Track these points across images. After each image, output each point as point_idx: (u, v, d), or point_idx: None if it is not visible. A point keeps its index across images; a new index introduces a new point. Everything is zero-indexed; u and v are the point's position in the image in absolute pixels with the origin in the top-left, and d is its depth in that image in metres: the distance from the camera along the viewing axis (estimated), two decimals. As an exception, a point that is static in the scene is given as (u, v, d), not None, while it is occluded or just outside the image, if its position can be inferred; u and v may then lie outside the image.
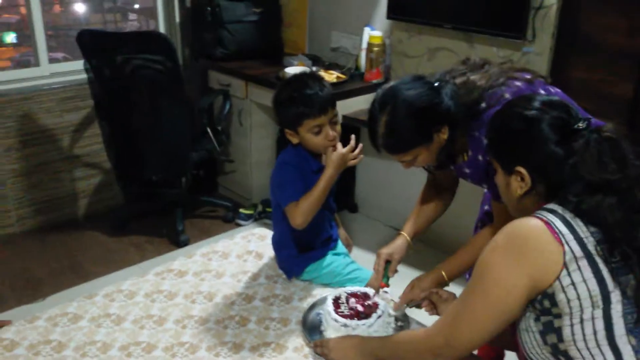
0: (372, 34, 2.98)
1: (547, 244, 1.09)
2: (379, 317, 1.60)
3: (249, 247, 2.10)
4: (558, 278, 1.08)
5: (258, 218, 3.42)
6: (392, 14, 2.88)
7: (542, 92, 1.54)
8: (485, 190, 1.87)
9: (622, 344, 1.06)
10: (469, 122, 1.51)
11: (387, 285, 1.77)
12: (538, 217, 1.14)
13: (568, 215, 1.13)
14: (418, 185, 2.08)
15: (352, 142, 1.77)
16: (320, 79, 1.81)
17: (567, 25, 2.43)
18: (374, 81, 3.00)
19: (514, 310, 1.14)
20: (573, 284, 1.07)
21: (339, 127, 1.80)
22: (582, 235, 1.10)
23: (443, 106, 1.46)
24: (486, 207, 1.84)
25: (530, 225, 1.13)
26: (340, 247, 2.03)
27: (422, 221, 1.86)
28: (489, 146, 1.33)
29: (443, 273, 1.67)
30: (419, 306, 1.67)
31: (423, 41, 2.85)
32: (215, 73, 3.44)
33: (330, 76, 3.02)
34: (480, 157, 1.55)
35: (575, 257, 1.08)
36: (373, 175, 3.42)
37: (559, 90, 1.61)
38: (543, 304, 1.11)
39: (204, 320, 1.70)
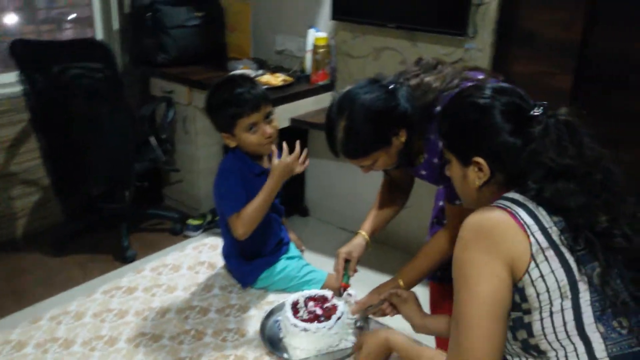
0: (317, 35, 2.95)
1: (514, 235, 1.07)
2: (339, 318, 1.57)
3: (200, 258, 2.03)
4: (527, 271, 1.06)
5: (207, 228, 3.33)
6: (336, 14, 2.87)
7: None
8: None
9: (591, 332, 1.05)
10: (425, 125, 1.50)
11: (348, 285, 1.75)
12: (501, 208, 1.12)
13: (531, 205, 1.10)
14: (369, 187, 2.07)
15: (297, 149, 1.75)
16: (251, 78, 1.80)
17: (507, 20, 2.47)
18: (320, 83, 2.98)
19: (507, 301, 1.08)
20: (542, 276, 1.06)
21: (275, 124, 1.78)
22: (546, 225, 1.08)
23: (400, 109, 1.45)
24: (441, 203, 1.84)
25: (495, 216, 1.10)
26: (293, 250, 1.99)
27: (379, 220, 1.85)
28: (443, 138, 1.30)
29: (400, 282, 1.66)
30: (377, 313, 1.64)
31: (368, 41, 2.85)
32: (157, 80, 3.34)
33: (277, 79, 2.97)
34: (435, 160, 1.55)
35: (541, 248, 1.06)
36: (323, 178, 3.40)
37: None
38: (514, 298, 1.09)
39: (158, 337, 1.62)
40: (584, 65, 2.33)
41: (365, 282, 1.85)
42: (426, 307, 1.80)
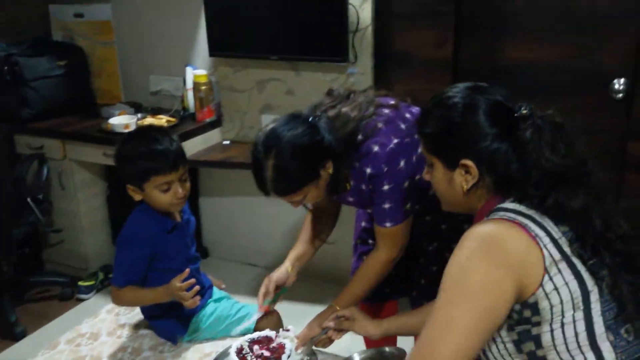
0: (196, 72, 2.90)
1: (527, 249, 1.04)
2: (289, 357, 1.54)
3: (119, 320, 1.88)
4: (541, 285, 1.03)
5: (101, 288, 3.09)
6: (213, 50, 2.83)
7: (408, 115, 1.61)
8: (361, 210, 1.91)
9: (601, 342, 1.04)
10: (350, 154, 1.53)
11: (270, 310, 1.77)
12: (509, 220, 1.07)
13: (536, 216, 1.08)
14: (268, 217, 2.04)
15: (195, 289, 1.64)
16: (169, 132, 1.72)
17: (383, 43, 2.61)
18: (207, 120, 2.93)
19: (502, 318, 1.04)
20: (556, 288, 1.03)
21: (187, 185, 1.72)
22: (555, 236, 1.06)
23: (325, 142, 1.47)
24: (363, 224, 1.88)
25: (505, 228, 1.06)
26: (217, 292, 1.93)
27: (303, 249, 1.84)
28: (425, 141, 1.25)
29: (337, 307, 1.66)
30: (321, 343, 1.63)
31: (250, 74, 2.85)
32: (23, 136, 3.06)
33: (160, 121, 2.87)
34: (363, 187, 1.59)
35: (554, 260, 1.04)
36: (219, 216, 3.32)
37: (418, 108, 1.69)
38: (522, 313, 1.05)
39: (94, 416, 1.48)
40: (458, 78, 2.52)
41: (300, 317, 1.82)
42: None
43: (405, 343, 1.80)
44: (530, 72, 2.41)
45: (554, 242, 1.06)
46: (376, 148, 1.52)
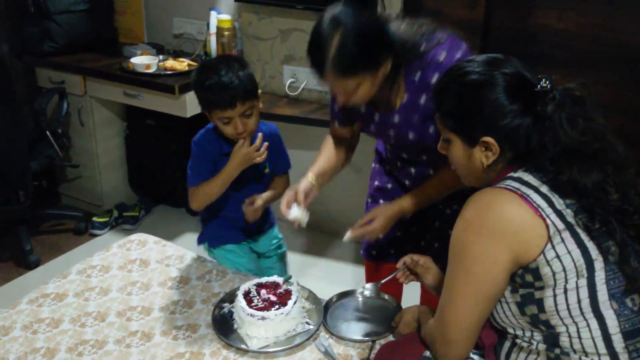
0: (220, 17, 2.86)
1: (527, 219, 1.05)
2: (295, 303, 1.56)
3: (130, 256, 1.91)
4: (542, 252, 1.05)
5: (115, 225, 3.15)
6: (240, -4, 2.79)
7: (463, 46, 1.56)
8: (375, 165, 1.90)
9: (604, 310, 1.05)
10: (411, 60, 1.51)
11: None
12: (511, 190, 1.08)
13: (544, 188, 1.08)
14: None
15: (258, 141, 1.75)
16: (240, 67, 1.70)
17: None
18: (228, 67, 2.90)
19: (501, 285, 1.09)
20: (558, 256, 1.05)
21: (253, 119, 1.74)
22: (559, 207, 1.07)
23: (389, 35, 1.46)
24: (376, 183, 1.87)
25: (504, 200, 1.08)
26: (275, 261, 2.06)
27: (326, 164, 1.80)
28: (443, 118, 1.23)
29: (404, 205, 1.63)
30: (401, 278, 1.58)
31: (274, 23, 2.81)
32: (45, 70, 3.07)
33: (182, 64, 2.86)
34: (422, 99, 1.55)
35: (558, 229, 1.05)
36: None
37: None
38: (524, 277, 1.08)
39: (101, 343, 1.52)
40: (488, 41, 2.47)
41: (300, 268, 1.84)
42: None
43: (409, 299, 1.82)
44: (559, 41, 2.35)
45: (557, 212, 1.07)
46: (443, 56, 1.50)
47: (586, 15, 2.25)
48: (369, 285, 1.66)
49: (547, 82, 1.13)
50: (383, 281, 1.62)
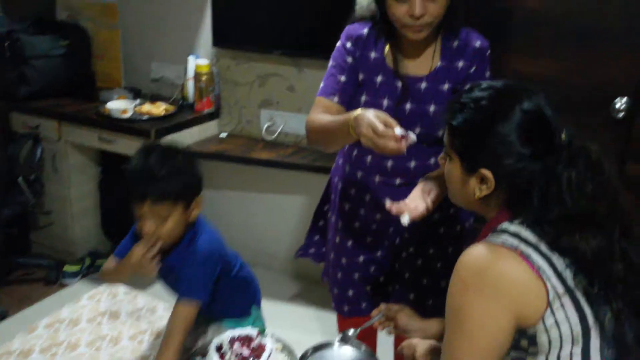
0: (198, 62, 2.87)
1: (528, 282, 0.99)
2: (269, 357, 1.51)
3: (99, 307, 1.85)
4: (542, 318, 0.98)
5: (87, 273, 3.05)
6: (217, 41, 2.81)
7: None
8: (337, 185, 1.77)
9: None
10: (451, 24, 1.52)
11: None
12: (509, 248, 1.01)
13: (544, 247, 1.01)
14: (261, 214, 1.95)
15: (155, 249, 1.48)
16: (178, 162, 1.48)
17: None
18: (206, 111, 2.89)
19: (505, 347, 1.02)
20: (556, 323, 0.99)
21: (168, 226, 1.46)
22: (560, 268, 1.01)
23: None
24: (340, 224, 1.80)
25: (504, 260, 1.00)
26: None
27: None
28: (452, 136, 1.14)
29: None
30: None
31: (252, 68, 2.82)
32: (20, 115, 3.02)
33: (158, 109, 2.84)
34: (460, 64, 1.55)
35: (557, 294, 0.99)
36: (211, 210, 3.25)
37: None
38: (519, 342, 1.02)
39: (66, 404, 1.45)
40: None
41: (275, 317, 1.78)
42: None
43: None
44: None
45: (558, 275, 1.00)
46: (478, 42, 1.56)
47: (560, 61, 2.27)
48: (344, 335, 1.61)
49: (567, 135, 1.07)
50: (359, 330, 1.57)
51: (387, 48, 1.57)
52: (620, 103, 2.20)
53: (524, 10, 2.29)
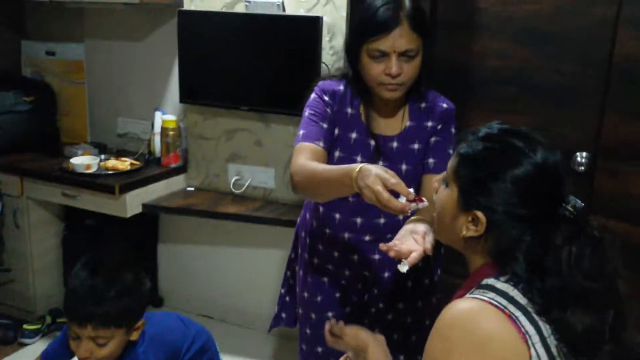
0: (165, 118, 2.89)
1: (514, 347, 0.95)
2: None
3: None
4: None
5: (47, 332, 2.95)
6: (184, 97, 2.83)
7: None
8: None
9: None
10: (418, 87, 1.58)
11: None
12: (500, 309, 0.97)
13: (532, 311, 0.98)
14: (226, 269, 1.90)
15: None
16: (126, 285, 1.42)
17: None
18: (173, 165, 2.89)
19: None
20: None
21: (107, 350, 1.40)
22: (545, 334, 0.98)
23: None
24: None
25: (492, 322, 0.96)
26: None
27: None
28: (460, 164, 1.09)
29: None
30: None
31: (219, 123, 2.85)
32: (-19, 171, 2.97)
33: (124, 164, 2.82)
34: (429, 124, 1.60)
35: None
36: (177, 264, 3.23)
37: None
38: None
39: None
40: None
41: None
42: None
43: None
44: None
45: (543, 341, 0.97)
46: (445, 104, 1.63)
47: (521, 117, 2.35)
48: None
49: (575, 207, 1.04)
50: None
51: (361, 107, 1.61)
52: (581, 157, 2.27)
53: (485, 68, 2.39)
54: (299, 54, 2.55)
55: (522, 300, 0.99)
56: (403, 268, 1.31)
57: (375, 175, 1.23)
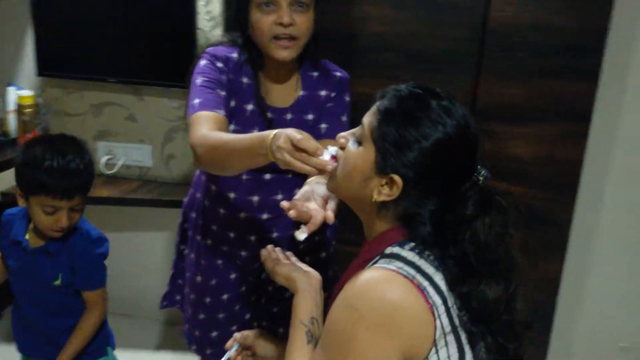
0: (20, 93, 2.56)
1: (422, 319, 0.93)
2: None
3: None
4: (426, 357, 0.93)
5: None
6: (43, 70, 2.53)
7: None
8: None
9: None
10: (310, 54, 1.53)
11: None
12: (408, 278, 0.95)
13: (439, 279, 0.97)
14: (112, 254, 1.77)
15: None
16: (86, 153, 1.55)
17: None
18: (33, 147, 2.59)
19: None
20: None
21: (77, 216, 1.56)
22: (449, 303, 0.97)
23: None
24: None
25: (401, 294, 0.93)
26: None
27: None
28: (381, 123, 1.01)
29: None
30: None
31: (85, 97, 2.58)
32: None
33: (-27, 147, 2.48)
34: (322, 93, 1.55)
35: (444, 332, 0.95)
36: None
37: None
38: None
39: None
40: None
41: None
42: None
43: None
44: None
45: (447, 311, 0.96)
46: (339, 73, 1.59)
47: (402, 82, 2.35)
48: None
49: (484, 177, 1.01)
50: None
51: (256, 77, 1.51)
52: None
53: (367, 35, 2.36)
54: (172, 19, 2.37)
55: (429, 269, 0.97)
56: (301, 236, 1.21)
57: (286, 135, 1.13)
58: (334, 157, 1.12)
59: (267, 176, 1.53)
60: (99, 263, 1.64)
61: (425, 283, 0.95)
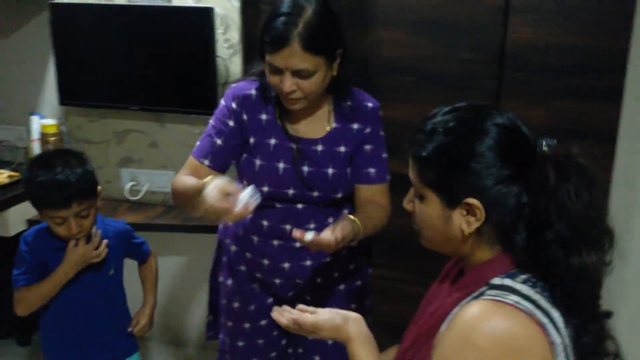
0: (43, 122, 2.61)
1: (545, 357, 0.91)
2: None
3: None
4: None
5: None
6: (65, 99, 2.57)
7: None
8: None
9: None
10: (343, 85, 1.53)
11: None
12: (526, 314, 0.91)
13: (552, 310, 0.93)
14: (132, 283, 1.82)
15: (97, 238, 1.70)
16: (78, 163, 1.65)
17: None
18: (58, 175, 2.63)
19: None
20: None
21: (90, 220, 1.67)
22: (566, 341, 0.94)
23: (343, 30, 1.48)
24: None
25: (525, 328, 0.90)
26: None
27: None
28: (422, 170, 1.02)
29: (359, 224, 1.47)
30: None
31: (108, 125, 2.62)
32: None
33: (1, 176, 2.53)
34: (355, 126, 1.56)
35: None
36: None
37: None
38: None
39: None
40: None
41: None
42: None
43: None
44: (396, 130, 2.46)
45: (565, 349, 0.94)
46: (370, 103, 1.60)
47: (419, 105, 2.35)
48: None
49: (549, 146, 0.97)
50: None
51: (276, 110, 1.54)
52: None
53: (382, 59, 2.37)
54: (190, 48, 2.40)
55: (545, 304, 0.94)
56: (308, 236, 1.38)
57: (212, 188, 1.30)
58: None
59: (300, 206, 1.56)
60: (135, 236, 1.92)
61: (545, 320, 0.92)
